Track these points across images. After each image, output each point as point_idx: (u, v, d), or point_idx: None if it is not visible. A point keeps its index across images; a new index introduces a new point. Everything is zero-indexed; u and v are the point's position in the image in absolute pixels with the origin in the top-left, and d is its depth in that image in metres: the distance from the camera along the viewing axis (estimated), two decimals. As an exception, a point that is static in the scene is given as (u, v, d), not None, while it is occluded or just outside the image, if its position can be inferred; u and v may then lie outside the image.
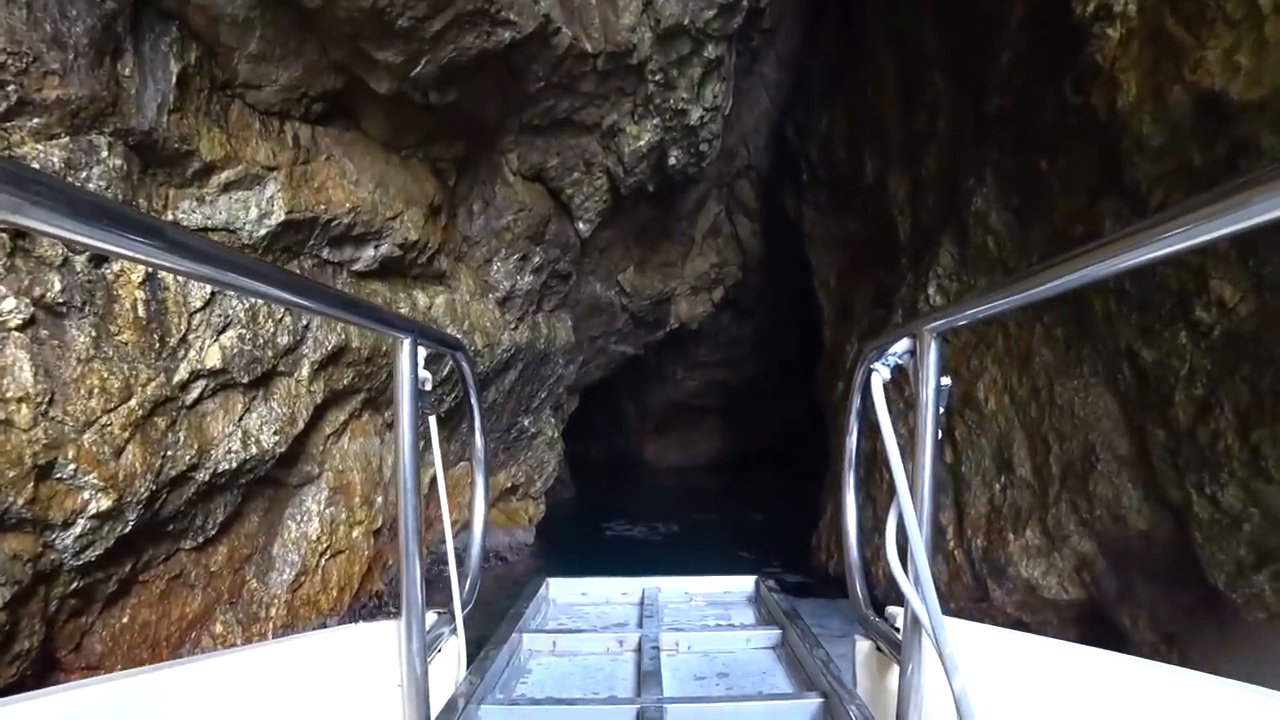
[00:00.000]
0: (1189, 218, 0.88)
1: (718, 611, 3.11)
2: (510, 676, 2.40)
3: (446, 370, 7.40)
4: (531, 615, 2.94)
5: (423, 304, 7.97)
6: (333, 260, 6.77)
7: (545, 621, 3.02)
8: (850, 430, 2.15)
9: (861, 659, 2.17)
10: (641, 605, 3.12)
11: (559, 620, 3.03)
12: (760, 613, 3.06)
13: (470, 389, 2.55)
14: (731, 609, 3.15)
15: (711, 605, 3.21)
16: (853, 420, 2.14)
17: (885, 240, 9.67)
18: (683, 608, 3.17)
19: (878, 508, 8.43)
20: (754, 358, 19.91)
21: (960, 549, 7.11)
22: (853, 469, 2.22)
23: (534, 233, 9.37)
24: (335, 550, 7.11)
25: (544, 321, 10.67)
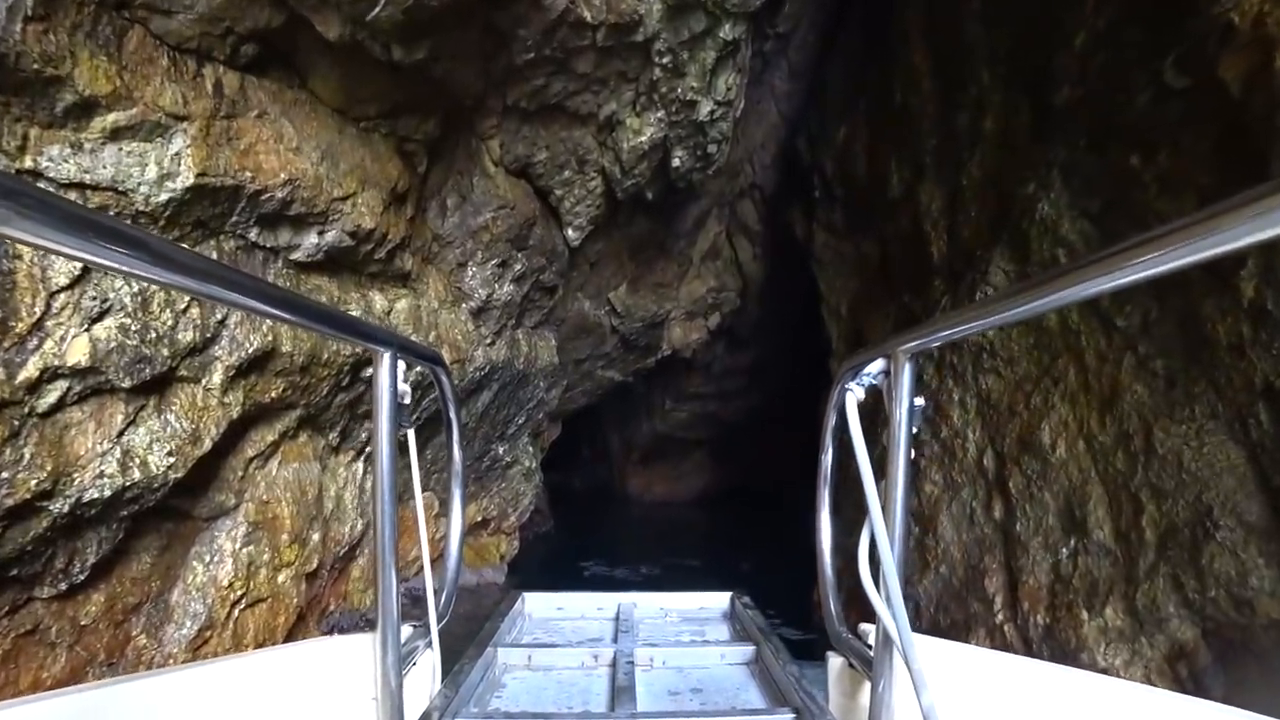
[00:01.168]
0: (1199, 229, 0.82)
1: (693, 628, 3.09)
2: (485, 690, 2.38)
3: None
4: (507, 629, 2.91)
5: (380, 307, 6.64)
6: (264, 245, 5.45)
7: (520, 636, 3.00)
8: (825, 449, 2.09)
9: (834, 675, 2.14)
10: (617, 620, 3.09)
11: (534, 635, 3.01)
12: (735, 629, 3.04)
13: (449, 404, 2.50)
14: (706, 625, 3.13)
15: (686, 621, 3.18)
16: (828, 439, 2.06)
17: (913, 261, 8.41)
18: (658, 623, 3.14)
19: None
20: (747, 391, 18.63)
21: (1012, 624, 5.78)
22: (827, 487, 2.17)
23: (516, 235, 8.06)
24: (254, 598, 5.72)
25: (524, 339, 9.34)
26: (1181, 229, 0.84)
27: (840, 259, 10.83)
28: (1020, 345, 6.12)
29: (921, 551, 6.83)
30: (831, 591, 2.20)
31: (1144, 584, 4.84)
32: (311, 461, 6.35)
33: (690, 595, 3.39)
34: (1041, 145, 6.25)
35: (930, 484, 6.77)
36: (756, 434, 19.70)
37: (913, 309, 8.41)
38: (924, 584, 6.76)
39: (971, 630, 6.13)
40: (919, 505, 6.89)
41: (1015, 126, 6.81)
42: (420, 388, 7.00)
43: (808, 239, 11.65)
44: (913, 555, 6.97)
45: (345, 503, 7.08)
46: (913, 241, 8.42)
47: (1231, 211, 0.76)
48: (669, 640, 2.87)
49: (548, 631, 3.05)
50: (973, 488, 6.38)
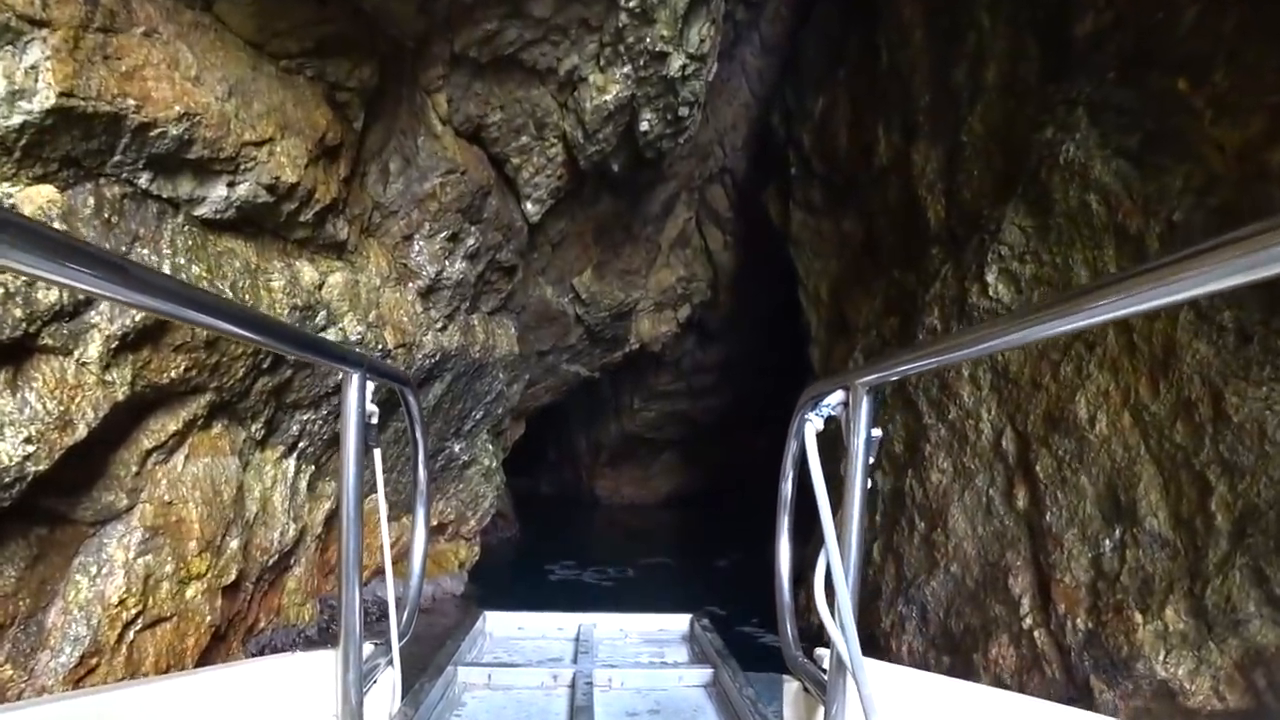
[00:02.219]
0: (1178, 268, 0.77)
1: (652, 649, 3.08)
2: (444, 709, 2.36)
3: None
4: (468, 648, 2.88)
5: (309, 279, 5.71)
6: (160, 194, 4.50)
7: (481, 655, 2.97)
8: (785, 475, 2.03)
9: (789, 699, 2.17)
10: (577, 641, 3.06)
11: (495, 654, 2.98)
12: (694, 651, 3.03)
13: (415, 424, 2.45)
14: (666, 647, 3.12)
15: (647, 642, 3.17)
16: (788, 466, 2.01)
17: (904, 231, 7.62)
18: (618, 644, 3.13)
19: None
20: (718, 388, 17.80)
21: (1043, 628, 4.95)
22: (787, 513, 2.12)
23: (468, 206, 7.14)
24: (154, 617, 4.75)
25: (480, 325, 8.41)
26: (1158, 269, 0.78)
27: (819, 239, 10.02)
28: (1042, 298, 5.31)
29: (928, 549, 6.00)
30: (789, 616, 2.17)
31: (1214, 579, 4.03)
32: (228, 456, 5.39)
33: (650, 617, 3.39)
34: (1058, 85, 5.46)
35: (937, 472, 5.95)
36: (727, 434, 18.88)
37: (904, 284, 7.60)
38: (931, 586, 5.93)
39: (993, 637, 5.30)
40: (924, 498, 6.07)
41: (1023, 71, 6.03)
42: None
43: (784, 220, 10.85)
44: (918, 555, 6.13)
45: (274, 505, 6.12)
46: (904, 211, 7.62)
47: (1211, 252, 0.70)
48: (628, 661, 2.89)
49: (508, 651, 3.02)
50: (989, 474, 5.56)
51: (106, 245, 4.14)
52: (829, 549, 1.54)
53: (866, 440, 1.59)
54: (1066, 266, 5.12)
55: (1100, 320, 0.93)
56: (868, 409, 1.58)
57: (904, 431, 6.52)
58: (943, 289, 6.41)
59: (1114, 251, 4.84)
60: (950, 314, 6.15)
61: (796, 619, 2.19)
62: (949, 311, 6.18)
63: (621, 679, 2.63)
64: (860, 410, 1.58)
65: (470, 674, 2.63)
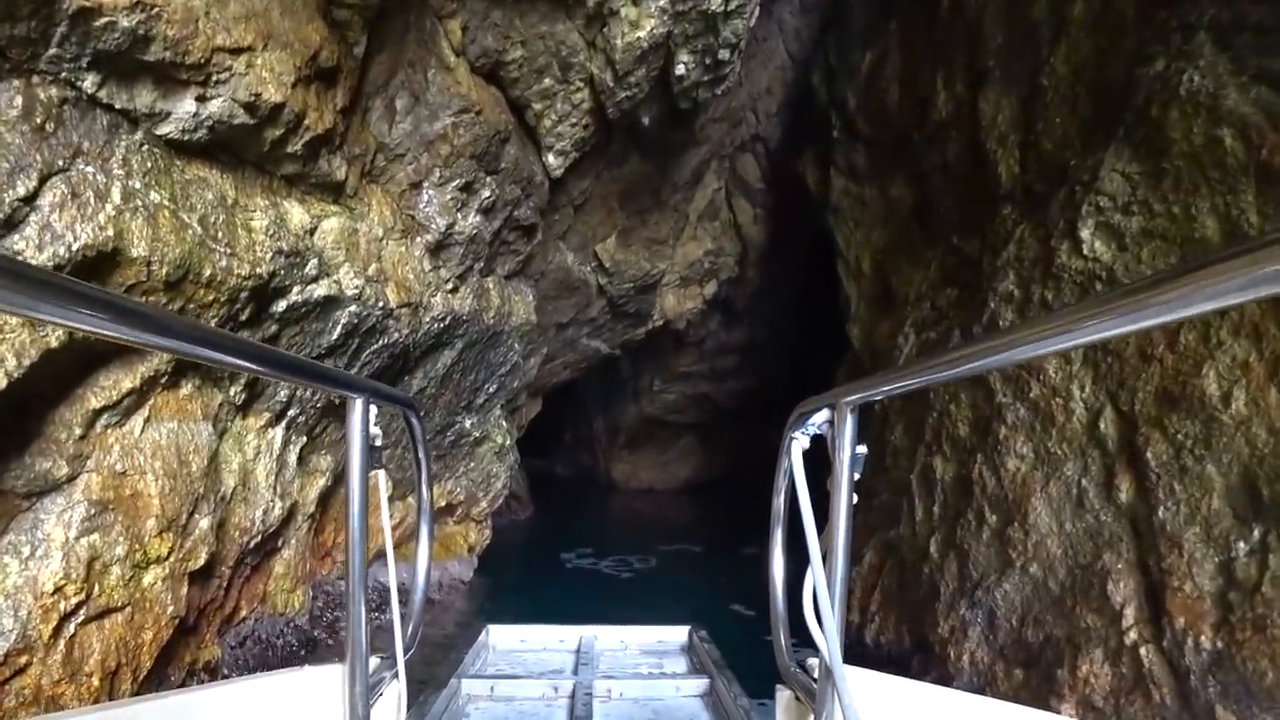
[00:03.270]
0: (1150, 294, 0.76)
1: (651, 660, 3.10)
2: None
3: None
4: (471, 661, 2.91)
5: (298, 222, 4.92)
6: (112, 104, 3.72)
7: (485, 667, 2.99)
8: (778, 491, 2.01)
9: (781, 707, 2.14)
10: (578, 653, 3.09)
11: (498, 666, 3.01)
12: (692, 662, 3.06)
13: (419, 446, 2.42)
14: (664, 658, 3.14)
15: (645, 654, 3.19)
16: (780, 481, 1.99)
17: (966, 192, 6.77)
18: (618, 655, 3.15)
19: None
20: (741, 371, 17.00)
21: (1153, 645, 4.12)
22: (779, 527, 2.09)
23: (484, 152, 6.33)
24: (101, 608, 3.99)
25: (495, 290, 7.60)
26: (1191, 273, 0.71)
27: (862, 207, 9.16)
28: (1154, 254, 4.45)
29: (1000, 546, 5.17)
30: (782, 627, 2.08)
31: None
32: (199, 422, 4.61)
33: (649, 629, 3.40)
34: (1170, 11, 4.58)
35: (1014, 459, 5.11)
36: (748, 419, 18.06)
37: (965, 251, 6.75)
38: (1003, 589, 5.11)
39: (1082, 652, 4.47)
40: (997, 488, 5.24)
41: (1117, 3, 5.15)
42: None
43: (822, 188, 9.98)
44: (987, 552, 5.31)
45: (258, 479, 5.36)
46: (967, 169, 6.77)
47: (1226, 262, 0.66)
48: (627, 672, 2.90)
49: (511, 663, 3.05)
50: (1080, 461, 4.73)
51: (38, 157, 3.36)
52: (814, 563, 1.59)
53: (851, 457, 1.59)
54: (1187, 216, 4.27)
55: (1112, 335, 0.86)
56: (852, 427, 1.59)
57: (970, 412, 5.69)
58: (1019, 251, 5.56)
59: (1254, 196, 3.99)
60: (1031, 278, 5.30)
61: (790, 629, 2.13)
62: (1029, 275, 5.33)
63: (621, 689, 2.67)
64: (845, 428, 1.59)
65: (474, 686, 2.66)
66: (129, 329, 0.92)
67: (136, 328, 0.93)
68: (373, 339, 5.88)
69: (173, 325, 1.07)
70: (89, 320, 0.83)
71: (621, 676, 2.80)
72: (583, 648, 3.15)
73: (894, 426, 7.08)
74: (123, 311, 0.91)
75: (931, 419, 6.20)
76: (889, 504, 6.99)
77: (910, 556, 6.38)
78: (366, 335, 5.77)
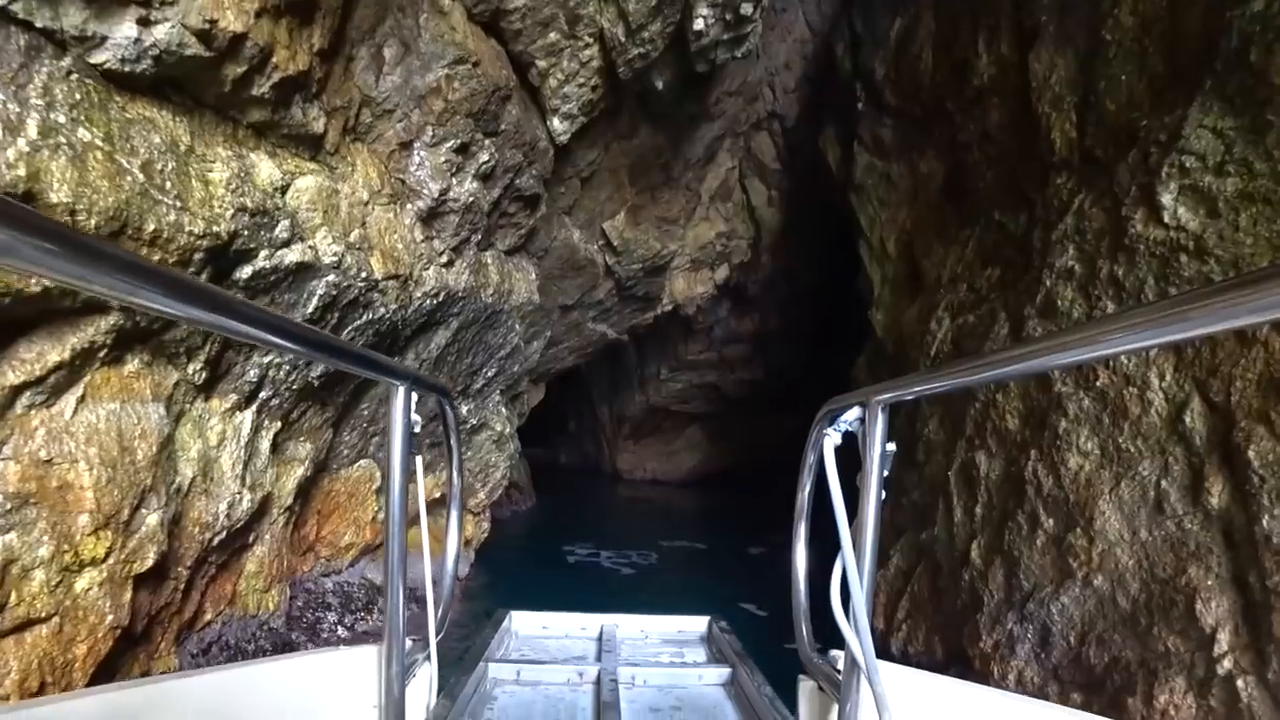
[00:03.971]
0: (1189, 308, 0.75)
1: (672, 649, 3.08)
2: (478, 703, 2.40)
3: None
4: (496, 646, 2.91)
5: (266, 177, 4.29)
6: (31, 22, 3.08)
7: (509, 653, 2.98)
8: (803, 485, 2.03)
9: (804, 697, 2.11)
10: (600, 640, 3.08)
11: (522, 652, 3.00)
12: (712, 651, 3.04)
13: (452, 433, 2.43)
14: (685, 647, 3.11)
15: (666, 643, 3.16)
16: (805, 476, 2.02)
17: (1011, 163, 6.14)
18: (639, 644, 3.12)
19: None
20: (751, 361, 16.34)
21: (1253, 677, 3.47)
22: (804, 520, 2.08)
23: (482, 111, 5.69)
24: (21, 619, 3.38)
25: (495, 265, 6.96)
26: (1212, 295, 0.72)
27: (888, 185, 8.50)
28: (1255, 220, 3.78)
29: (1058, 554, 4.53)
30: (804, 618, 2.10)
31: None
32: (147, 403, 3.98)
33: (669, 619, 3.34)
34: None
35: (1077, 456, 4.46)
36: (757, 410, 17.43)
37: (1009, 226, 6.10)
38: (1060, 602, 4.47)
39: (1160, 679, 3.83)
40: (1055, 488, 4.60)
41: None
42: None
43: (844, 166, 9.32)
44: (1041, 561, 4.67)
45: (222, 469, 4.73)
46: (1011, 138, 6.12)
47: None
48: (649, 660, 2.87)
49: (534, 649, 3.02)
50: (1159, 460, 4.08)
51: (-73, 76, 2.72)
52: (845, 556, 1.59)
53: (882, 454, 1.59)
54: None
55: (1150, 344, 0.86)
56: (883, 425, 1.59)
57: (1021, 403, 5.04)
58: (1079, 223, 4.89)
59: (1389, 147, 3.36)
60: (1096, 252, 4.65)
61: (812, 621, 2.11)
62: (1093, 249, 4.66)
63: (644, 677, 2.66)
64: (876, 426, 1.59)
65: (500, 670, 2.66)
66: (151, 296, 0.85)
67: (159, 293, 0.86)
68: (355, 313, 5.24)
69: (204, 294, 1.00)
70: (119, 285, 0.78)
71: (644, 664, 2.78)
72: (604, 635, 3.12)
73: (928, 419, 6.43)
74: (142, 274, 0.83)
75: (974, 410, 5.54)
76: (921, 503, 6.35)
77: (946, 561, 5.74)
78: (348, 309, 5.14)
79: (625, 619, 3.32)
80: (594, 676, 2.62)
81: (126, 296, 0.80)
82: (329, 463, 6.50)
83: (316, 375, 5.29)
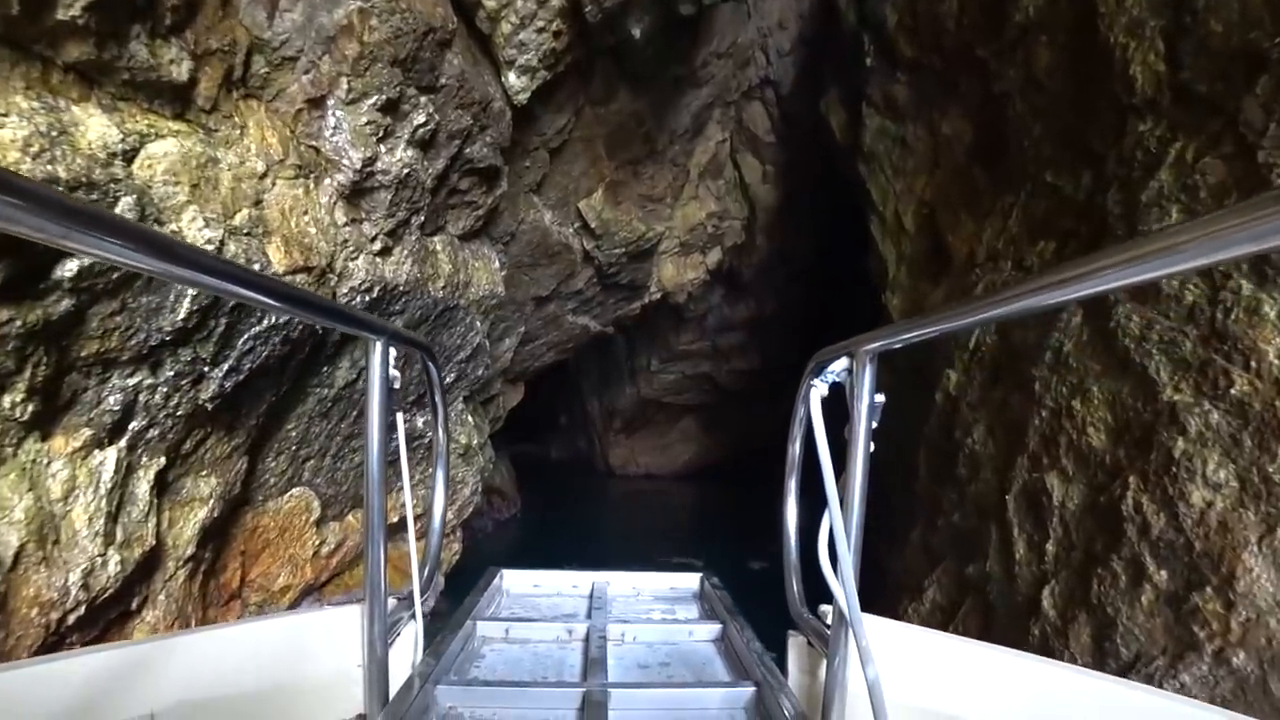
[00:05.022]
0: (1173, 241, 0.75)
1: (664, 606, 3.03)
2: (464, 660, 2.35)
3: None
4: (485, 604, 2.86)
5: (96, 139, 3.10)
6: None
7: (499, 610, 2.92)
8: (793, 439, 2.08)
9: (794, 653, 2.16)
10: (591, 598, 3.02)
11: (511, 609, 2.93)
12: (704, 608, 2.99)
13: (435, 389, 2.44)
14: (677, 604, 3.06)
15: (658, 600, 3.11)
16: (796, 430, 2.06)
17: (1066, 114, 4.93)
18: (631, 601, 3.07)
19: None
20: (746, 349, 15.21)
21: None
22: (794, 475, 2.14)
23: (412, 59, 4.48)
24: None
25: (446, 253, 5.74)
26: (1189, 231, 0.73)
27: (903, 151, 7.31)
28: None
29: (1176, 614, 3.35)
30: (795, 574, 2.17)
31: None
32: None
33: (661, 575, 3.28)
34: None
35: (1203, 489, 3.27)
36: (753, 399, 16.25)
37: (1064, 190, 4.92)
38: (1179, 679, 3.29)
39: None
40: (1170, 528, 3.40)
41: None
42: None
43: (850, 131, 8.13)
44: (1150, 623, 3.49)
45: (73, 526, 3.54)
46: (1068, 80, 4.94)
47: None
48: (640, 617, 2.82)
49: (524, 607, 2.96)
50: (1337, 500, 2.90)
51: None
52: (831, 510, 1.57)
53: (870, 405, 1.56)
54: None
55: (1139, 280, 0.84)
56: (871, 375, 1.56)
57: (1109, 412, 3.85)
58: (1181, 178, 3.71)
59: None
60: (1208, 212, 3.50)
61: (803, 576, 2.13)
62: (1210, 210, 3.51)
63: (634, 634, 2.59)
64: (864, 376, 1.56)
65: (489, 628, 2.57)
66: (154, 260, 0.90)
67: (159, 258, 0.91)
68: (252, 318, 4.02)
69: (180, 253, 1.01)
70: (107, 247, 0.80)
71: (635, 621, 2.70)
72: (595, 593, 3.05)
73: (971, 425, 5.23)
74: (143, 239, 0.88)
75: (1039, 419, 4.34)
76: (963, 527, 5.17)
77: (1003, 604, 4.57)
78: (238, 314, 3.92)
79: (617, 576, 3.25)
80: (583, 634, 2.56)
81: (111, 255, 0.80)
82: (251, 495, 5.31)
83: (209, 396, 4.09)
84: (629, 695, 2.03)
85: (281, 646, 1.86)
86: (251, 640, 1.79)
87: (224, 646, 1.71)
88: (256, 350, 4.19)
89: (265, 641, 1.82)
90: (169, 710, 1.56)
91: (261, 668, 1.79)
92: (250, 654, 1.77)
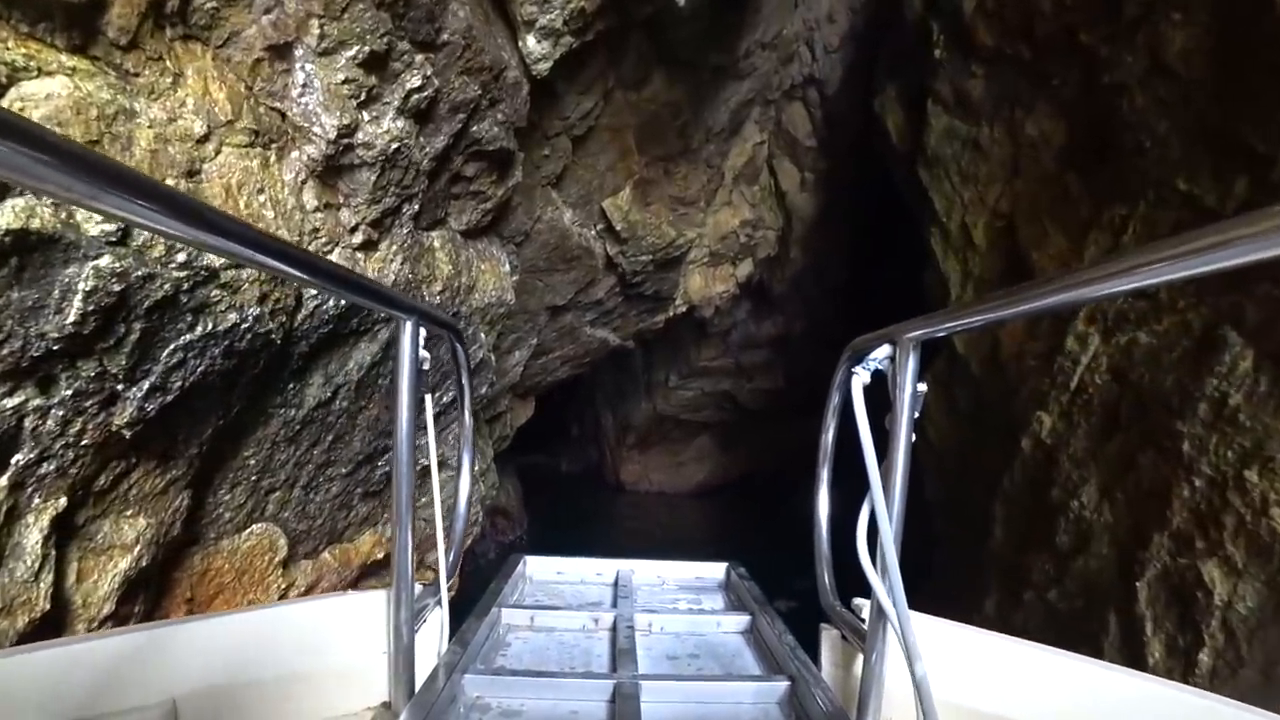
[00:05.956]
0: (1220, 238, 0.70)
1: (689, 596, 2.95)
2: (490, 649, 2.28)
3: None
4: (510, 592, 2.77)
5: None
6: None
7: (523, 598, 2.84)
8: (826, 428, 1.98)
9: (827, 646, 2.08)
10: (616, 586, 2.94)
11: (536, 597, 2.86)
12: (730, 598, 2.91)
13: (462, 370, 2.36)
14: (703, 594, 2.98)
15: (683, 590, 3.02)
16: (829, 418, 1.95)
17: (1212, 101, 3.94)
18: (656, 590, 2.99)
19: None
20: (770, 368, 14.22)
21: None
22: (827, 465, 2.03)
23: (404, 2, 3.51)
24: None
25: (445, 251, 4.77)
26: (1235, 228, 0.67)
27: (975, 154, 6.32)
28: None
29: None
30: (827, 566, 2.08)
31: None
32: None
33: (687, 564, 3.17)
34: None
35: None
36: (773, 420, 15.25)
37: (1204, 201, 3.95)
38: None
39: None
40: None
41: None
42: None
43: (910, 133, 7.13)
44: None
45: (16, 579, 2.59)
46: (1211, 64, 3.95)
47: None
48: (667, 607, 2.74)
49: (548, 595, 2.89)
50: None
51: None
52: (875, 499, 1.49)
53: (913, 394, 1.49)
54: None
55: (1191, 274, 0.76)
56: (914, 364, 1.49)
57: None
58: None
59: None
60: None
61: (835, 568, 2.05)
62: None
63: (661, 624, 2.50)
64: (907, 364, 1.49)
65: (514, 616, 2.51)
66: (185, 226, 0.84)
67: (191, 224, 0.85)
68: (179, 323, 3.06)
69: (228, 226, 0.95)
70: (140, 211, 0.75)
71: (661, 611, 2.59)
72: (620, 581, 2.91)
73: (1077, 484, 4.21)
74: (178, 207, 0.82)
75: (1190, 489, 3.33)
76: (1063, 609, 4.16)
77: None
78: (161, 317, 2.96)
79: (641, 564, 3.13)
80: (610, 623, 2.46)
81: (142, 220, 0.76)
82: (201, 533, 4.34)
83: (126, 421, 3.13)
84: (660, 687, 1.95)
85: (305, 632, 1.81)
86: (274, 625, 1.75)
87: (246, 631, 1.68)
88: (189, 364, 3.22)
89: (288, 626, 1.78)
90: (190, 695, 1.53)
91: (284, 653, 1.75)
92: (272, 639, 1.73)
